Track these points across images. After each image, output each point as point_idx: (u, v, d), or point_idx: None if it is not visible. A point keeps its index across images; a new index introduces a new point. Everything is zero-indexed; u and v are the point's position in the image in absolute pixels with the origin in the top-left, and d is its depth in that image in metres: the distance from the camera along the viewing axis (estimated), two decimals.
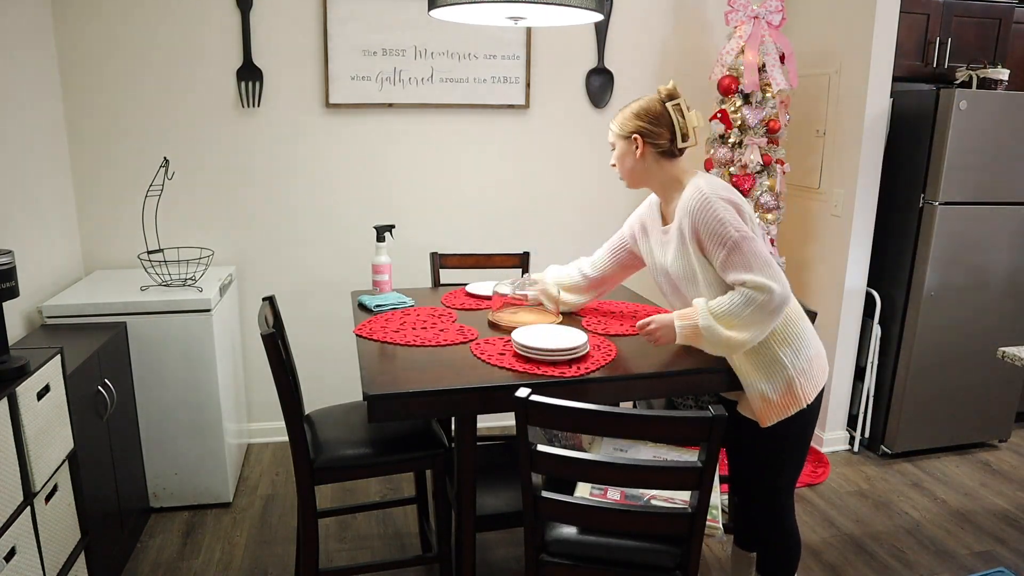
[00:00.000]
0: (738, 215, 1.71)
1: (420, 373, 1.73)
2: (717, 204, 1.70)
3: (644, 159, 1.82)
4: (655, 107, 1.80)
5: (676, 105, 1.79)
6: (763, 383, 1.75)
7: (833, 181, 3.19)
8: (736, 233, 1.68)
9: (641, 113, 1.81)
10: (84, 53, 2.83)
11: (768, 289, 1.66)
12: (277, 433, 3.32)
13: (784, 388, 1.75)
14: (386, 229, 2.52)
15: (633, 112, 1.82)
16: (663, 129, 1.80)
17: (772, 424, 1.78)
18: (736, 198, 1.74)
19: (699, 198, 1.72)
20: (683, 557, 1.58)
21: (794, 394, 1.75)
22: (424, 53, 3.10)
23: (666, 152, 1.81)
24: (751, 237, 1.69)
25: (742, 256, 1.68)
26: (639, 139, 1.80)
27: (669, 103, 1.80)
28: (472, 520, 1.84)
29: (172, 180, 2.99)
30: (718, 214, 1.70)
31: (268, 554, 2.50)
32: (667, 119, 1.79)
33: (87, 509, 2.03)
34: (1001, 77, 3.02)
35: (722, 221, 1.69)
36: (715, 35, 3.41)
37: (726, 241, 1.69)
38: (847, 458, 3.27)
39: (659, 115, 1.80)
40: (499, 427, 3.47)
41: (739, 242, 1.68)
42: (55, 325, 2.46)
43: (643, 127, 1.80)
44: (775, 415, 1.77)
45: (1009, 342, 3.22)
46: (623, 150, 1.85)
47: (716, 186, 1.75)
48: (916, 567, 2.48)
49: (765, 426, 1.78)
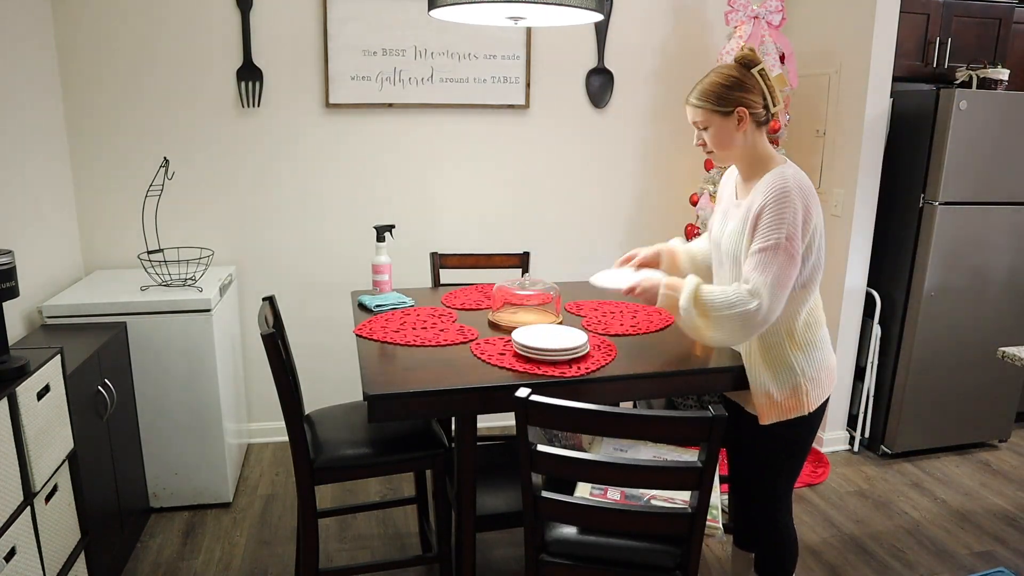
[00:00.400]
0: (803, 224, 1.65)
1: (420, 373, 1.72)
2: (792, 202, 1.64)
3: (745, 132, 1.72)
4: (742, 75, 1.71)
5: (760, 70, 1.72)
6: (771, 381, 1.74)
7: (833, 181, 3.19)
8: (783, 240, 1.62)
9: (734, 84, 1.70)
10: (84, 53, 2.83)
11: (758, 302, 1.63)
12: (277, 433, 3.32)
13: (790, 391, 1.74)
14: (386, 229, 2.52)
15: (725, 84, 1.71)
16: (758, 97, 1.71)
17: (770, 423, 1.77)
18: (813, 204, 1.68)
19: (780, 186, 1.66)
20: (683, 557, 1.58)
21: (799, 399, 1.75)
22: (424, 53, 3.10)
23: (763, 121, 1.74)
24: (791, 254, 1.63)
25: (767, 260, 1.64)
26: (744, 112, 1.70)
27: (754, 69, 1.72)
28: (472, 520, 1.84)
29: (172, 180, 2.99)
30: (784, 211, 1.63)
31: (268, 554, 2.50)
32: (757, 85, 1.71)
33: (87, 509, 2.03)
34: (1001, 77, 3.02)
35: (782, 220, 1.63)
36: (715, 35, 3.41)
37: (769, 237, 1.64)
38: (847, 458, 3.27)
39: (750, 82, 1.71)
40: (499, 427, 3.47)
41: (777, 248, 1.63)
42: (55, 325, 2.46)
43: (743, 98, 1.70)
44: (776, 414, 1.76)
45: (1009, 342, 3.22)
46: (721, 127, 1.72)
47: (802, 183, 1.68)
48: (916, 567, 2.48)
49: (763, 423, 1.78)
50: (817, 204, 1.70)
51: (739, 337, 1.68)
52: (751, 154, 1.76)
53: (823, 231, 1.73)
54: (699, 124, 1.76)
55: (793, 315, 1.74)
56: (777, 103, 1.74)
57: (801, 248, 1.66)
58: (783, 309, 1.71)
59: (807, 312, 1.76)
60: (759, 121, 1.74)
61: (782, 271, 1.63)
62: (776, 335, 1.74)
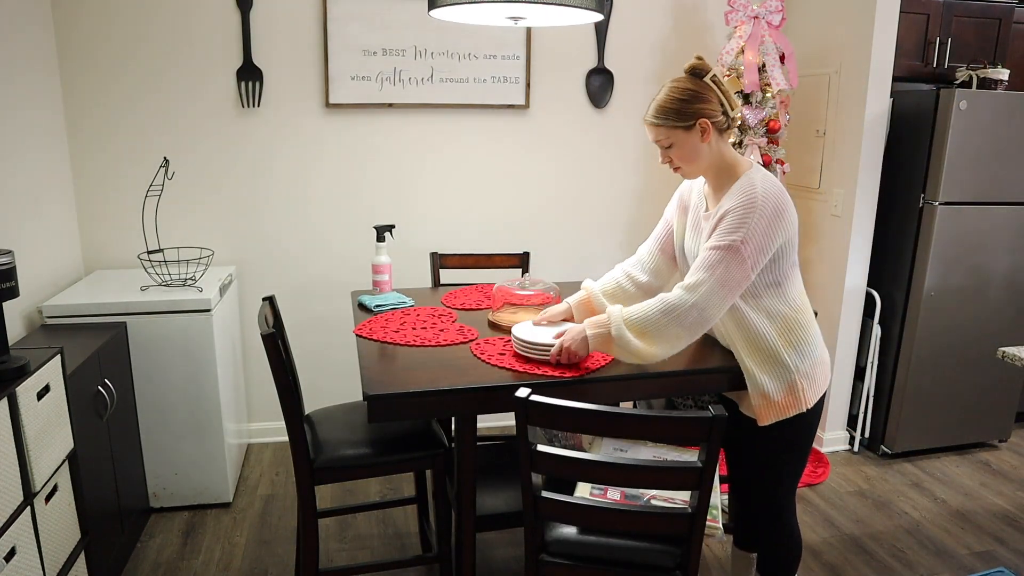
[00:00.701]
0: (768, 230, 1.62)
1: (420, 373, 1.72)
2: (757, 209, 1.62)
3: (710, 143, 1.70)
4: (696, 85, 1.69)
5: (712, 77, 1.70)
6: (767, 382, 1.74)
7: (833, 181, 3.19)
8: (738, 242, 1.62)
9: (691, 96, 1.68)
10: (84, 53, 2.83)
11: (693, 299, 1.62)
12: (277, 433, 3.32)
13: (786, 389, 1.74)
14: (386, 229, 2.52)
15: (681, 99, 1.68)
16: (716, 105, 1.69)
17: (769, 424, 1.77)
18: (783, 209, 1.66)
19: (747, 192, 1.65)
20: (683, 557, 1.58)
21: (795, 396, 1.75)
22: (424, 53, 3.10)
23: (725, 128, 1.72)
24: (743, 258, 1.62)
25: (716, 259, 1.63)
26: (706, 123, 1.68)
27: (706, 77, 1.70)
28: (472, 520, 1.84)
29: (172, 180, 2.99)
30: (747, 217, 1.62)
31: (268, 554, 2.50)
32: (713, 93, 1.70)
33: (87, 509, 2.03)
34: (1001, 77, 3.02)
35: (743, 223, 1.62)
36: (715, 35, 3.41)
37: (724, 237, 1.63)
38: (847, 458, 3.27)
39: (705, 91, 1.68)
40: (499, 427, 3.47)
41: (729, 248, 1.62)
42: (55, 325, 2.46)
43: (702, 109, 1.68)
44: (774, 415, 1.76)
45: (1009, 342, 3.22)
46: (685, 141, 1.70)
47: (770, 189, 1.66)
48: (916, 567, 2.48)
49: (763, 424, 1.78)
50: (788, 205, 1.68)
51: (681, 341, 1.67)
52: (718, 163, 1.75)
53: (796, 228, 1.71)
54: (662, 143, 1.73)
55: (779, 313, 1.74)
56: (735, 107, 1.73)
57: (758, 255, 1.64)
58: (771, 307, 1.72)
59: (794, 309, 1.76)
60: (720, 129, 1.72)
61: (729, 273, 1.62)
62: (767, 335, 1.74)
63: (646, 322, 1.66)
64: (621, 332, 1.66)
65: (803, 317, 1.77)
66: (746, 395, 1.80)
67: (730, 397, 1.90)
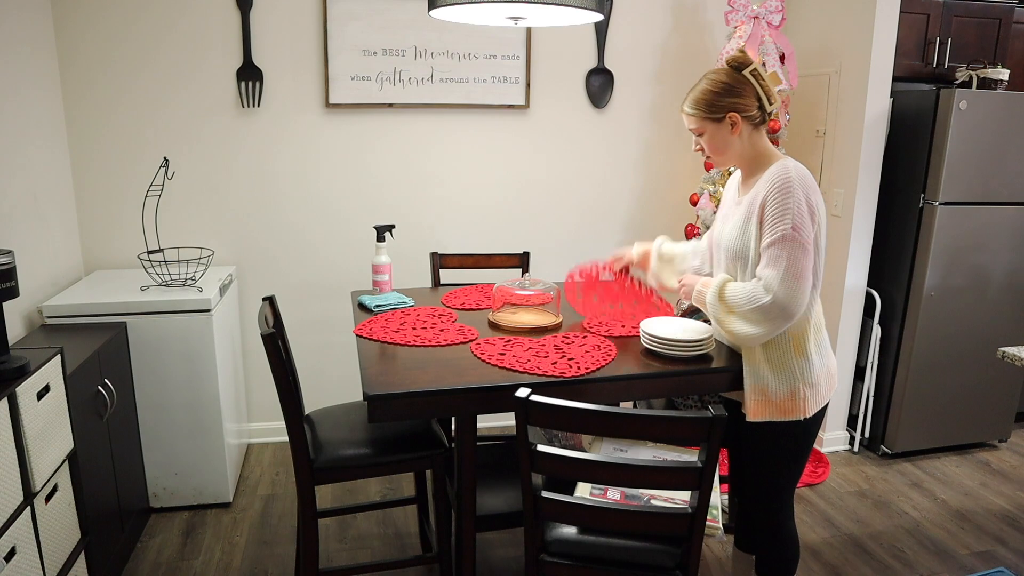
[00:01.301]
0: (809, 216, 1.65)
1: (420, 373, 1.72)
2: (797, 193, 1.65)
3: (740, 135, 1.74)
4: (732, 79, 1.72)
5: (752, 71, 1.73)
6: (769, 379, 1.74)
7: (833, 181, 3.19)
8: (792, 230, 1.63)
9: (724, 90, 1.72)
10: (84, 53, 2.83)
11: (773, 295, 1.64)
12: (277, 433, 3.32)
13: (787, 393, 1.74)
14: (386, 229, 2.52)
15: (715, 91, 1.72)
16: (751, 99, 1.72)
17: (764, 422, 1.77)
18: (815, 197, 1.68)
19: (783, 177, 1.67)
20: (683, 557, 1.58)
21: (795, 402, 1.75)
22: (424, 53, 3.10)
23: (759, 122, 1.75)
24: (801, 243, 1.63)
25: (779, 252, 1.65)
26: (736, 116, 1.71)
27: (745, 71, 1.73)
28: (472, 520, 1.84)
29: (172, 180, 2.99)
30: (789, 201, 1.64)
31: (268, 554, 2.50)
32: (751, 87, 1.72)
33: (87, 509, 2.03)
34: (1001, 77, 3.02)
35: (788, 209, 1.64)
36: (715, 35, 3.41)
37: (778, 228, 1.65)
38: (847, 458, 3.27)
39: (742, 85, 1.72)
40: (499, 427, 3.47)
41: (787, 238, 1.64)
42: (55, 325, 2.46)
43: (735, 103, 1.71)
44: (767, 413, 1.76)
45: (1009, 342, 3.22)
46: (715, 133, 1.75)
47: (804, 175, 1.69)
48: (916, 567, 2.48)
49: (753, 420, 1.77)
50: (820, 197, 1.70)
51: (767, 330, 1.69)
52: (750, 155, 1.78)
53: (825, 230, 1.73)
54: (695, 131, 1.79)
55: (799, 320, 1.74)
56: (774, 102, 1.75)
57: (811, 235, 1.66)
58: None
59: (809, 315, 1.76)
60: (754, 123, 1.75)
61: (793, 261, 1.64)
62: (781, 337, 1.74)
63: (734, 303, 1.72)
64: (714, 300, 1.75)
65: (817, 324, 1.79)
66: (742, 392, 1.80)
67: (732, 397, 1.90)
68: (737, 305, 1.71)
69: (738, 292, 1.72)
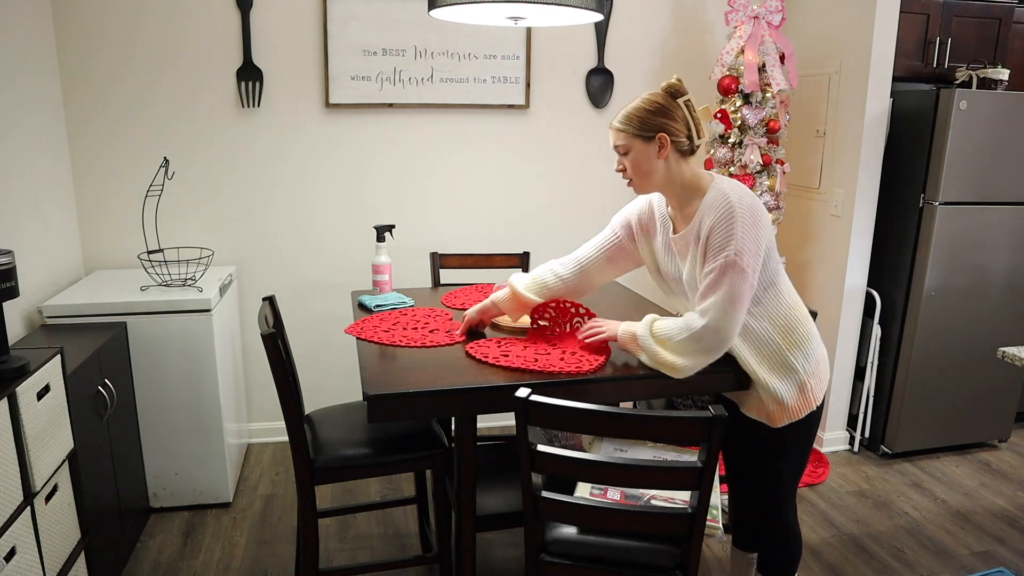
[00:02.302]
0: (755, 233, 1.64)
1: (420, 373, 1.72)
2: (739, 217, 1.63)
3: (667, 160, 1.71)
4: (667, 102, 1.70)
5: (687, 101, 1.71)
6: (778, 386, 1.74)
7: (833, 181, 3.19)
8: (732, 255, 1.62)
9: (657, 110, 1.68)
10: (84, 53, 2.83)
11: (705, 320, 1.65)
12: (277, 433, 3.32)
13: (797, 391, 1.75)
14: (386, 229, 2.52)
15: (648, 110, 1.69)
16: (682, 126, 1.70)
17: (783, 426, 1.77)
18: (759, 210, 1.67)
19: (722, 203, 1.66)
20: (683, 557, 1.58)
21: (806, 396, 1.75)
22: (424, 53, 3.10)
23: (686, 151, 1.73)
24: (741, 268, 1.62)
25: (716, 279, 1.64)
26: (665, 138, 1.68)
27: (679, 99, 1.71)
28: (472, 520, 1.84)
29: (172, 180, 2.99)
30: (732, 228, 1.63)
31: (268, 554, 2.50)
32: (682, 114, 1.70)
33: (87, 509, 2.03)
34: (1001, 77, 3.02)
35: (730, 236, 1.62)
36: (715, 35, 3.41)
37: (718, 257, 1.64)
38: (847, 458, 3.27)
39: (674, 110, 1.69)
40: (499, 427, 3.47)
41: (725, 266, 1.63)
42: (55, 325, 2.46)
43: (665, 124, 1.68)
44: (788, 417, 1.76)
45: (1009, 342, 3.22)
46: (641, 152, 1.71)
47: (742, 193, 1.68)
48: (916, 567, 2.48)
49: (777, 427, 1.77)
50: (762, 210, 1.69)
51: (703, 359, 1.70)
52: (677, 183, 1.75)
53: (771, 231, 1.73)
54: (620, 148, 1.74)
55: (779, 315, 1.75)
56: (702, 136, 1.73)
57: (755, 260, 1.65)
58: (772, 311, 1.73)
59: (791, 307, 1.77)
60: (681, 150, 1.73)
61: (733, 288, 1.63)
62: (770, 340, 1.74)
63: (667, 335, 1.71)
64: (647, 336, 1.73)
65: (800, 313, 1.78)
66: (753, 400, 1.79)
67: (730, 398, 1.90)
68: (670, 338, 1.70)
69: (671, 326, 1.72)
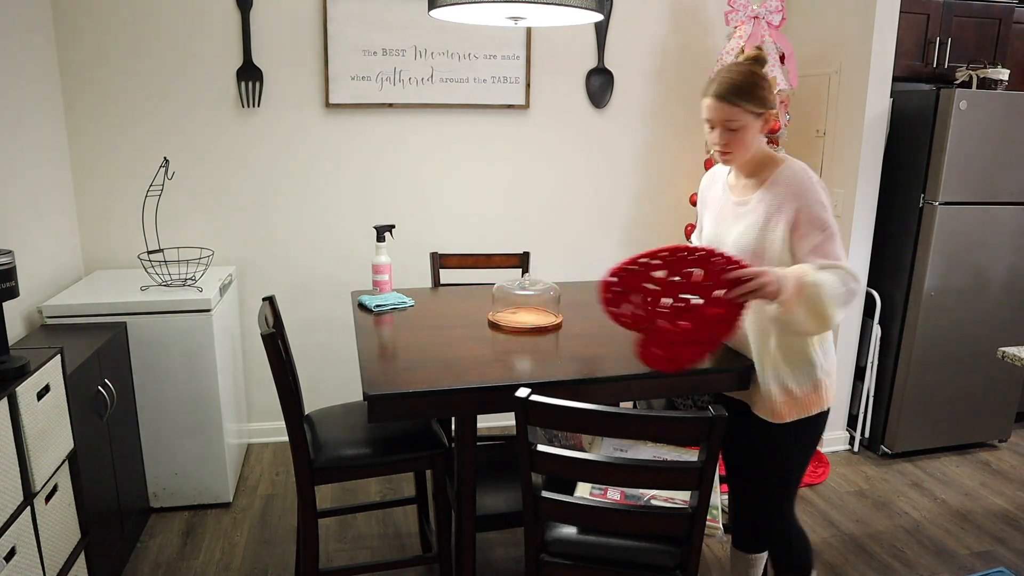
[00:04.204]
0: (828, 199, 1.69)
1: (420, 373, 1.72)
2: (822, 190, 1.68)
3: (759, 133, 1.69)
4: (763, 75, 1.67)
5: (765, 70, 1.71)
6: (790, 378, 1.72)
7: (833, 181, 3.19)
8: (833, 224, 1.67)
9: (765, 84, 1.65)
10: (84, 53, 2.83)
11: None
12: (277, 433, 3.32)
13: (811, 386, 1.73)
14: (386, 229, 2.52)
15: (758, 84, 1.64)
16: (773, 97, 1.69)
17: (788, 422, 1.74)
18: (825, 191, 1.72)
19: (808, 179, 1.67)
20: (683, 557, 1.58)
21: (819, 394, 1.74)
22: (424, 53, 3.10)
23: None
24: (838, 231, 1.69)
25: (835, 246, 1.66)
26: (772, 115, 1.68)
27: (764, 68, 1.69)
28: (472, 520, 1.84)
29: (172, 180, 2.99)
30: (823, 199, 1.67)
31: (268, 554, 2.50)
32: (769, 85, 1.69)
33: (87, 509, 2.03)
34: (1001, 77, 3.02)
35: (825, 207, 1.66)
36: (715, 35, 3.41)
37: (825, 227, 1.65)
38: (847, 458, 3.27)
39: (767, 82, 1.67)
40: (499, 427, 3.47)
41: (835, 232, 1.67)
42: (55, 325, 2.46)
43: (770, 99, 1.67)
44: (795, 412, 1.73)
45: (1009, 342, 3.22)
46: (750, 127, 1.65)
47: (809, 169, 1.71)
48: (916, 567, 2.48)
49: (781, 422, 1.74)
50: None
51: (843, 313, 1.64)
52: (759, 154, 1.75)
53: None
54: (730, 124, 1.64)
55: None
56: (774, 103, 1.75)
57: None
58: None
59: None
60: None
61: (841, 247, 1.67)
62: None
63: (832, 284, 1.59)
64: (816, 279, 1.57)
65: None
66: (759, 395, 1.77)
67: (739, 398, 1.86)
68: (834, 286, 1.59)
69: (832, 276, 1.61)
